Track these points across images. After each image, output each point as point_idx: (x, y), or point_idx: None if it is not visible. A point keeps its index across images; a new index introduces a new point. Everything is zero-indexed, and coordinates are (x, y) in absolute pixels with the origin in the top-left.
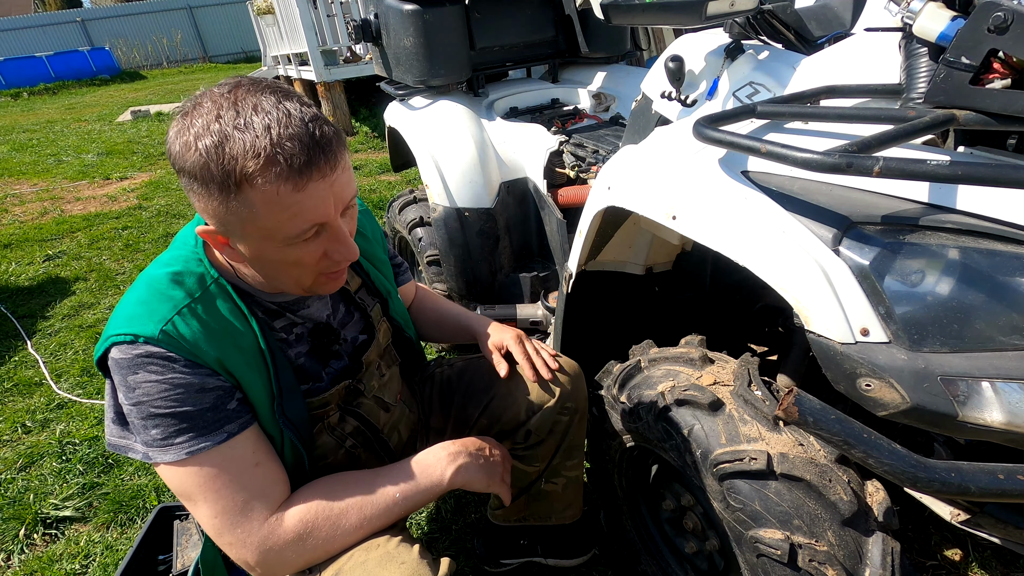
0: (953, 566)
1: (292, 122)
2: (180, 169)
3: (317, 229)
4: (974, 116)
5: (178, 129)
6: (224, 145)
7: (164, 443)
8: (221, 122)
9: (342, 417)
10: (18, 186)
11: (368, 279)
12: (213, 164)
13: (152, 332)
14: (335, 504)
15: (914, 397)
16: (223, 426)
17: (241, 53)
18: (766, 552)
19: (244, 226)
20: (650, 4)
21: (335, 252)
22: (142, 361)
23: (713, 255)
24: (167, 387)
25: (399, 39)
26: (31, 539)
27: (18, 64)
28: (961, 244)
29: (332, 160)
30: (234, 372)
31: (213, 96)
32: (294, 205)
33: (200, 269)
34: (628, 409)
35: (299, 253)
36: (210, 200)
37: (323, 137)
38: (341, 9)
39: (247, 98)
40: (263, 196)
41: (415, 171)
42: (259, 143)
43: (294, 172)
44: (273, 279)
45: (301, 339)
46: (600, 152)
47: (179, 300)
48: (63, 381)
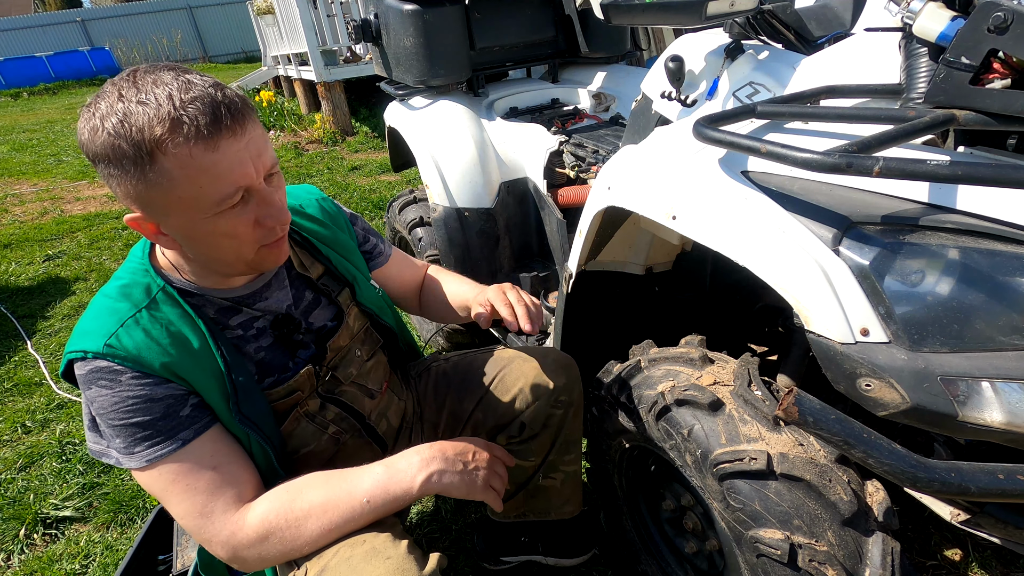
0: (953, 566)
1: (193, 88)
2: (94, 156)
3: (243, 195)
4: (974, 116)
5: (85, 118)
6: (128, 119)
7: (127, 451)
8: (124, 100)
9: (323, 404)
10: (18, 186)
11: (330, 264)
12: (122, 140)
13: (97, 347)
14: (298, 507)
15: (914, 397)
16: (177, 433)
17: (241, 53)
18: (766, 552)
19: (167, 200)
20: (650, 4)
21: (267, 217)
22: (93, 376)
23: (713, 255)
24: (117, 400)
25: (399, 39)
26: (31, 539)
27: (18, 64)
28: (961, 244)
29: (240, 119)
30: (185, 377)
31: (114, 82)
32: (211, 166)
33: (146, 280)
34: (628, 409)
35: (230, 223)
36: (127, 180)
37: (227, 99)
38: (341, 9)
39: (146, 76)
40: (177, 161)
41: (415, 171)
42: (162, 110)
43: (202, 132)
44: (214, 260)
45: (263, 333)
46: (600, 152)
47: (124, 312)
48: (63, 381)
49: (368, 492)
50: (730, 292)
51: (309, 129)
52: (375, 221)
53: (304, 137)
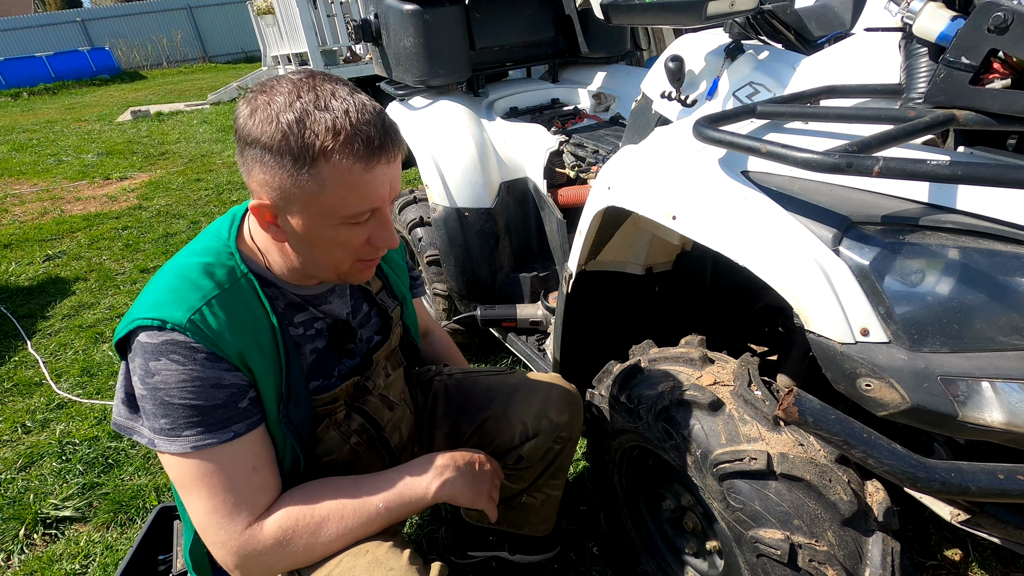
0: (953, 566)
1: (366, 110)
2: (254, 141)
3: (371, 213)
4: (974, 116)
5: (254, 106)
6: (306, 121)
7: (171, 434)
8: (302, 101)
9: (348, 414)
10: (18, 186)
11: (387, 282)
12: (293, 138)
13: (180, 320)
14: (316, 513)
15: (914, 397)
16: (231, 425)
17: (241, 53)
18: (766, 552)
19: (307, 201)
20: (650, 4)
21: (379, 238)
22: (166, 348)
23: (713, 255)
24: (186, 378)
25: (399, 39)
26: (31, 539)
27: (18, 64)
28: (961, 244)
29: (395, 149)
30: (252, 368)
31: (291, 80)
32: (362, 185)
33: (231, 263)
34: (628, 409)
35: (349, 234)
36: (278, 172)
37: (391, 127)
38: (341, 9)
39: (324, 85)
40: (336, 172)
41: (415, 171)
42: (339, 123)
43: (367, 153)
44: (312, 263)
45: (319, 334)
46: (600, 152)
47: (208, 290)
48: (63, 381)
49: (383, 497)
50: (730, 292)
51: None
52: None
53: None
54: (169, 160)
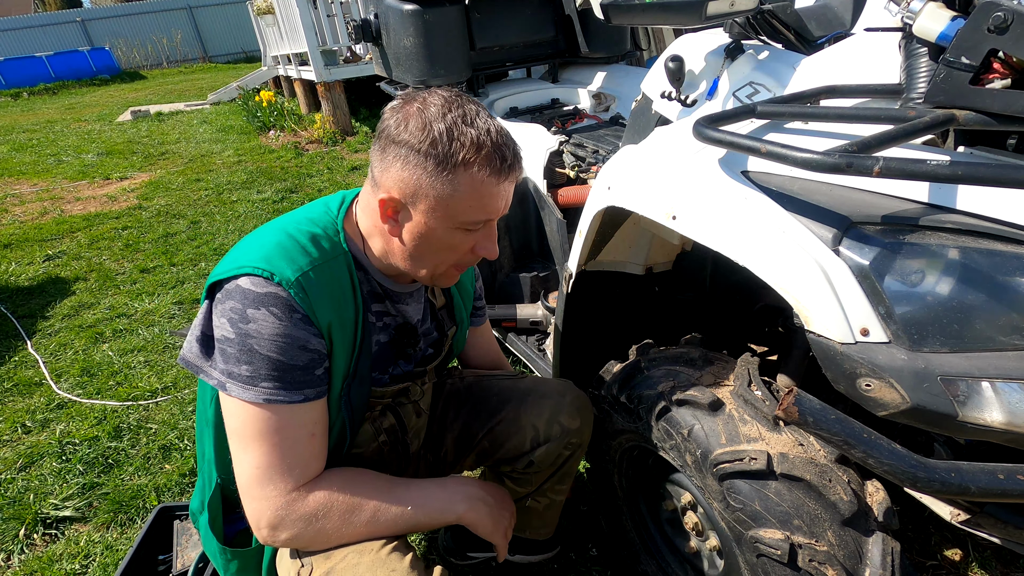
0: (953, 566)
1: (503, 133)
2: (403, 142)
3: (484, 223)
4: (974, 116)
5: (406, 114)
6: (454, 131)
7: (249, 382)
8: (452, 115)
9: (383, 412)
10: (18, 186)
11: (451, 303)
12: (441, 145)
13: (289, 276)
14: (354, 497)
15: (914, 397)
16: (304, 388)
17: (241, 53)
18: (766, 552)
19: (436, 201)
20: (650, 4)
21: (482, 248)
22: (269, 299)
23: (713, 255)
24: (279, 332)
25: (399, 39)
26: (31, 539)
27: (18, 64)
28: (961, 244)
29: (518, 171)
30: (334, 340)
31: (442, 95)
32: (488, 196)
33: (336, 238)
34: (628, 409)
35: (460, 239)
36: (418, 171)
37: (518, 150)
38: (341, 9)
39: (469, 105)
40: (471, 180)
41: None
42: (482, 139)
43: (501, 169)
44: (415, 258)
45: (386, 329)
46: (600, 152)
47: (315, 258)
48: (63, 381)
49: (415, 502)
50: (730, 292)
51: (309, 129)
52: None
53: (304, 137)
54: (169, 160)
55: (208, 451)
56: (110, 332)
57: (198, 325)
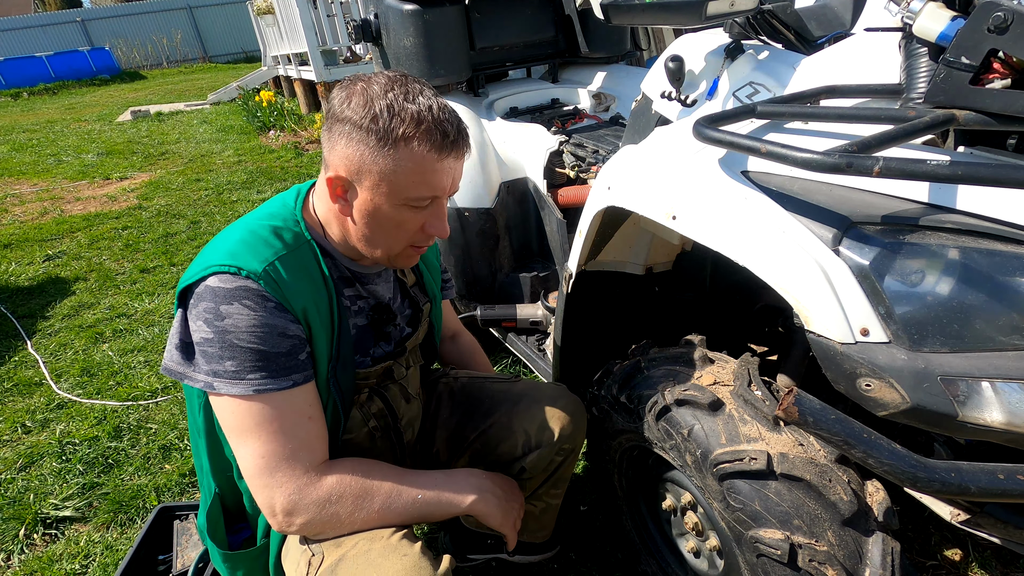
0: (953, 566)
1: (446, 110)
2: (346, 119)
3: (431, 201)
4: (974, 116)
5: (351, 92)
6: (395, 107)
7: (235, 376)
8: (394, 92)
9: (370, 396)
10: (18, 186)
11: (421, 279)
12: (381, 120)
13: (256, 268)
14: (367, 482)
15: (914, 397)
16: (291, 374)
17: (241, 53)
18: (766, 552)
19: (380, 177)
20: (650, 4)
21: (432, 226)
22: (240, 293)
23: (713, 255)
24: (255, 323)
25: (399, 39)
26: (31, 539)
27: (18, 64)
28: (961, 244)
29: (464, 148)
30: (311, 324)
31: (387, 75)
32: (430, 172)
33: (297, 228)
34: (628, 409)
35: (407, 216)
36: (361, 147)
37: (464, 129)
38: (341, 9)
39: (415, 85)
40: (412, 155)
41: None
42: (423, 115)
43: (442, 145)
44: (369, 239)
45: (362, 312)
46: (600, 152)
47: (278, 249)
48: (63, 381)
49: (425, 489)
50: (730, 292)
51: (309, 129)
52: None
53: (304, 137)
54: (169, 160)
55: (204, 462)
56: (110, 332)
57: (176, 333)
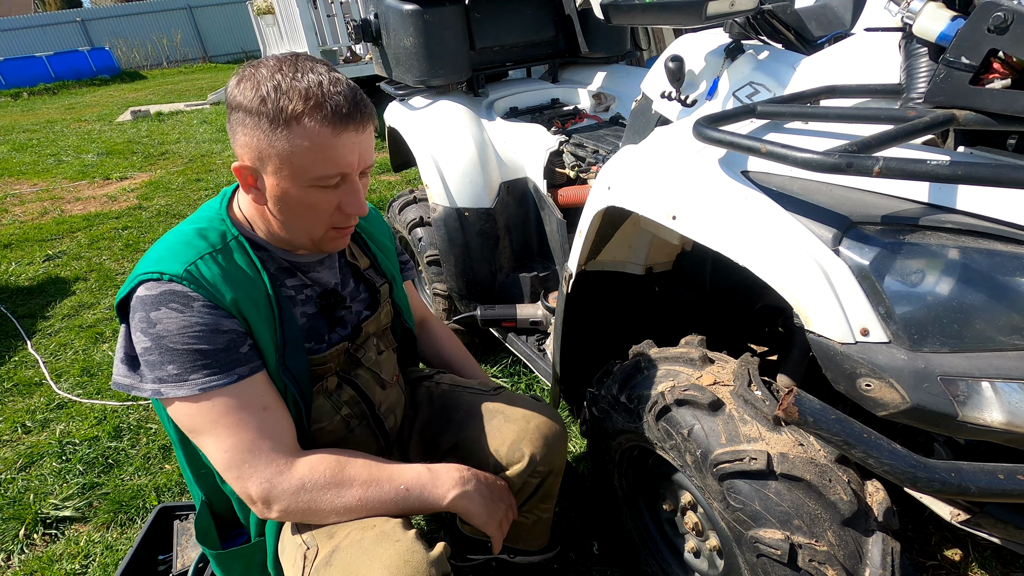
0: (953, 566)
1: (339, 83)
2: (238, 105)
3: (339, 179)
4: (974, 116)
5: (241, 77)
6: (283, 85)
7: (179, 379)
8: (281, 74)
9: (339, 384)
10: (18, 186)
11: (375, 261)
12: (270, 101)
13: (177, 271)
14: (343, 472)
15: (914, 397)
16: (235, 368)
17: (241, 53)
18: (766, 552)
19: (280, 161)
20: (650, 4)
21: (348, 205)
22: (165, 297)
23: (713, 255)
24: (186, 324)
25: (399, 39)
26: (31, 539)
27: (18, 64)
28: (961, 244)
29: (366, 120)
30: (247, 317)
31: (277, 58)
32: (329, 148)
33: (222, 227)
34: (628, 409)
35: (319, 197)
36: (256, 132)
37: (362, 101)
38: (341, 9)
39: (305, 63)
40: (306, 133)
41: (415, 171)
42: (311, 91)
43: (335, 119)
44: (289, 225)
45: (309, 301)
46: (600, 152)
47: (202, 248)
48: (63, 381)
49: (407, 483)
50: (730, 292)
51: None
52: None
53: None
54: (169, 160)
55: (187, 471)
56: (110, 332)
57: (120, 348)
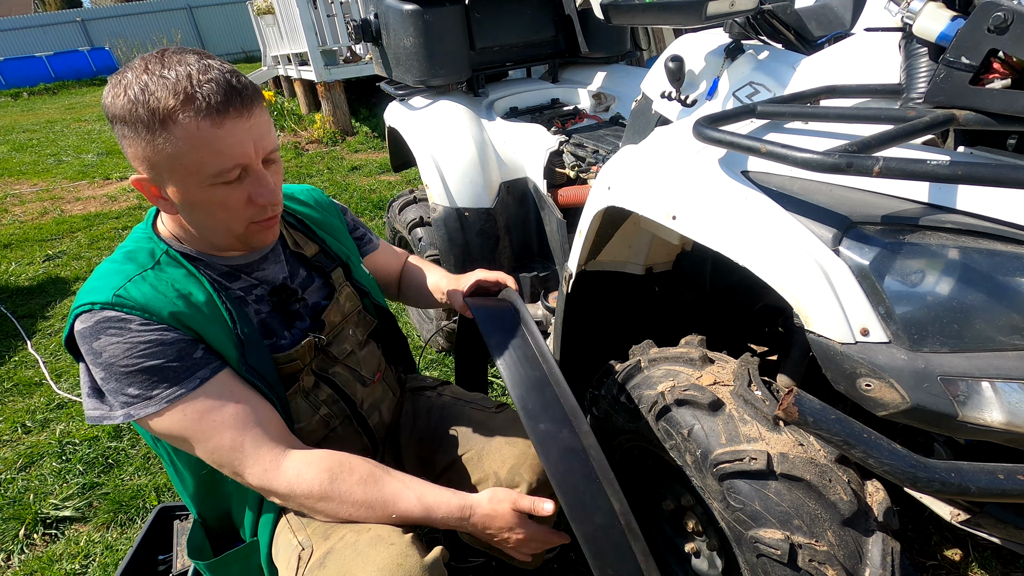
0: (953, 566)
1: (211, 71)
2: (112, 117)
3: (240, 172)
4: (974, 116)
5: (111, 85)
6: (149, 88)
7: (142, 399)
8: (148, 73)
9: (316, 383)
10: (18, 186)
11: (324, 244)
12: (140, 106)
13: (106, 298)
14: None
15: (914, 397)
16: (194, 373)
17: (241, 53)
18: (766, 552)
19: (171, 165)
20: (650, 4)
21: (259, 196)
22: (101, 327)
23: (713, 255)
24: (129, 346)
25: (399, 39)
26: (31, 539)
27: (18, 64)
28: (961, 244)
29: (248, 103)
30: (193, 327)
31: (144, 57)
32: (215, 141)
33: (150, 245)
34: (628, 409)
35: (225, 194)
36: (138, 142)
37: (239, 84)
38: (341, 9)
39: (173, 56)
40: (185, 131)
41: (415, 171)
42: (179, 85)
43: (212, 110)
44: (208, 229)
45: (262, 300)
46: (600, 152)
47: (130, 271)
48: (63, 381)
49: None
50: (730, 292)
51: (309, 129)
52: (375, 221)
53: (304, 137)
54: None
55: (180, 491)
56: None
57: (84, 384)
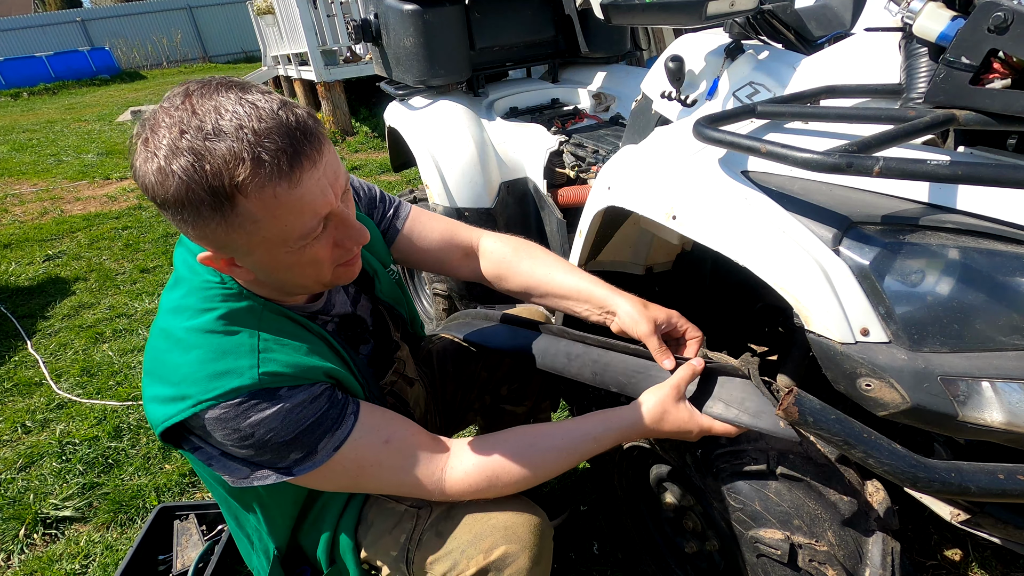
0: (953, 566)
1: (263, 115)
2: (163, 202)
3: (322, 223)
4: (974, 116)
5: (144, 157)
6: (202, 160)
7: (309, 458)
8: (187, 137)
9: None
10: (18, 186)
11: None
12: (196, 185)
13: (253, 379)
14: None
15: (914, 397)
16: (344, 416)
17: (241, 53)
18: (766, 552)
19: (250, 240)
20: (650, 4)
21: (346, 239)
22: (248, 408)
23: (713, 255)
24: (283, 413)
25: (399, 39)
26: (31, 539)
27: (18, 64)
28: (961, 244)
29: (317, 144)
30: (331, 374)
31: (168, 111)
32: (295, 202)
33: (246, 302)
34: None
35: (313, 250)
36: (206, 225)
37: (300, 122)
38: (341, 9)
39: (204, 103)
40: (261, 203)
41: (415, 171)
42: (237, 147)
43: (284, 168)
44: (291, 285)
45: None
46: (600, 152)
47: (250, 342)
48: (63, 381)
49: (602, 434)
50: (730, 292)
51: None
52: None
53: None
54: None
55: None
56: (110, 332)
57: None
